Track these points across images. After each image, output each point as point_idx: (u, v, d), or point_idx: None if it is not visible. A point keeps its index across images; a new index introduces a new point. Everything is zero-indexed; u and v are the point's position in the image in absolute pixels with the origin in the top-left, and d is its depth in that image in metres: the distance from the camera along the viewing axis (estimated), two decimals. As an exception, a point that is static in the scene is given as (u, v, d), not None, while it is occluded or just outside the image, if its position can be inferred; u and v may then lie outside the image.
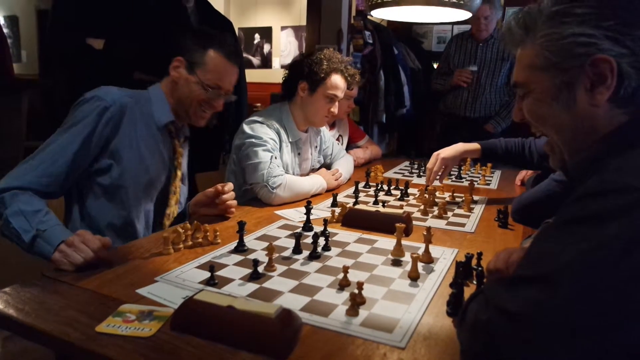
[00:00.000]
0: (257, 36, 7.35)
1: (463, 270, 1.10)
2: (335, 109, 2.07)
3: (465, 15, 2.25)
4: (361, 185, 2.13)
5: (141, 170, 1.52)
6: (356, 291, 0.99)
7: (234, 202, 1.65)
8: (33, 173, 1.31)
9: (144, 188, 1.55)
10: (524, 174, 2.33)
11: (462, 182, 2.36)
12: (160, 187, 1.62)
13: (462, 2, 1.98)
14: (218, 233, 1.37)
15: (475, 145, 1.98)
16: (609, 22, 0.75)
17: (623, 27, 0.75)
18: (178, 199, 1.67)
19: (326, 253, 1.31)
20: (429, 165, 1.99)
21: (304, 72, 2.00)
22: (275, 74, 6.90)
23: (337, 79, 2.02)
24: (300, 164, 2.17)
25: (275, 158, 1.87)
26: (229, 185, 1.63)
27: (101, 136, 1.42)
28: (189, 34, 1.61)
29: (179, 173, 1.66)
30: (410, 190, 2.06)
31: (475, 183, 2.26)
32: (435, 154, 1.98)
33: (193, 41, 1.58)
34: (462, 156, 2.00)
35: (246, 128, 1.92)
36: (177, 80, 1.57)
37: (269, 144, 1.88)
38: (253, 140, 1.87)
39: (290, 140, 2.06)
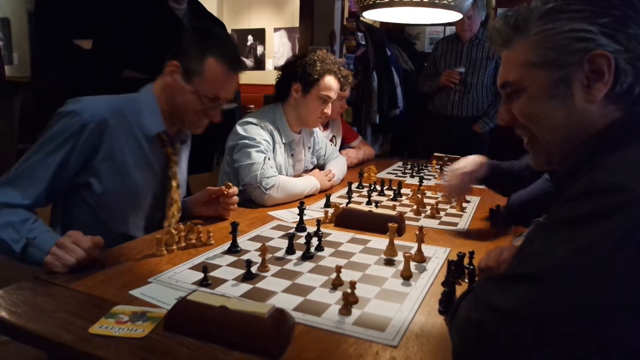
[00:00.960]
0: (250, 38, 7.34)
1: (455, 269, 1.11)
2: (328, 110, 2.08)
3: (456, 16, 2.26)
4: (354, 185, 2.14)
5: (126, 186, 1.43)
6: (349, 290, 1.00)
7: (236, 200, 1.62)
8: (14, 190, 1.26)
9: (131, 203, 1.47)
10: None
11: (455, 182, 2.36)
12: (152, 200, 1.53)
13: (452, 3, 1.99)
14: (211, 234, 1.38)
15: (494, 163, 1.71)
16: (604, 19, 0.76)
17: (617, 24, 0.76)
18: (179, 208, 1.59)
19: (319, 253, 1.32)
20: (447, 180, 1.69)
21: (297, 74, 2.01)
22: (268, 76, 6.87)
23: (330, 80, 2.03)
24: (294, 164, 2.18)
25: (269, 159, 1.87)
26: (234, 189, 1.59)
27: (80, 155, 1.33)
28: (187, 37, 1.47)
29: (174, 183, 1.56)
30: (403, 191, 2.07)
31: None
32: (453, 168, 1.70)
33: (190, 46, 1.44)
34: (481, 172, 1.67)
35: (239, 129, 1.93)
36: (172, 86, 1.45)
37: (262, 145, 1.89)
38: (246, 141, 1.87)
39: (283, 141, 2.06)
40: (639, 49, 0.75)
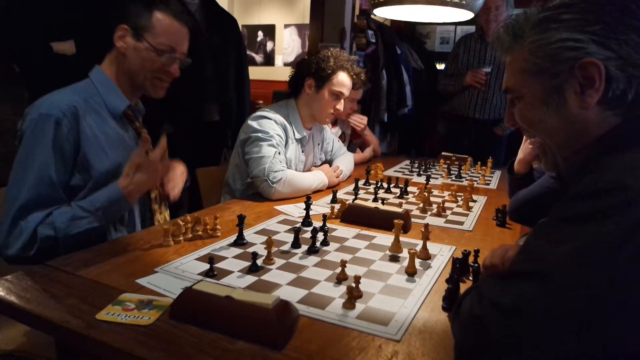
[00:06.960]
0: (260, 34, 7.35)
1: (460, 267, 1.11)
2: (340, 107, 2.09)
3: (467, 15, 2.26)
4: (361, 182, 2.14)
5: (111, 171, 1.37)
6: (353, 285, 1.00)
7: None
8: (36, 196, 1.24)
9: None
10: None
11: (462, 181, 2.37)
12: None
13: (464, 2, 1.99)
14: (218, 226, 1.39)
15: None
16: (594, 27, 0.77)
17: (608, 31, 0.76)
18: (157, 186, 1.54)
19: (325, 248, 1.32)
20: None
21: (311, 69, 2.03)
22: (277, 72, 6.90)
23: (343, 77, 2.05)
24: (304, 160, 2.19)
25: (279, 154, 1.88)
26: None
27: (69, 150, 1.30)
28: None
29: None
30: (409, 189, 2.07)
31: (475, 182, 2.27)
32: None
33: (135, 5, 1.45)
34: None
35: (253, 123, 1.94)
36: (125, 51, 1.43)
37: (275, 140, 1.90)
38: (259, 134, 1.89)
39: (296, 137, 2.08)
40: (631, 55, 0.76)
